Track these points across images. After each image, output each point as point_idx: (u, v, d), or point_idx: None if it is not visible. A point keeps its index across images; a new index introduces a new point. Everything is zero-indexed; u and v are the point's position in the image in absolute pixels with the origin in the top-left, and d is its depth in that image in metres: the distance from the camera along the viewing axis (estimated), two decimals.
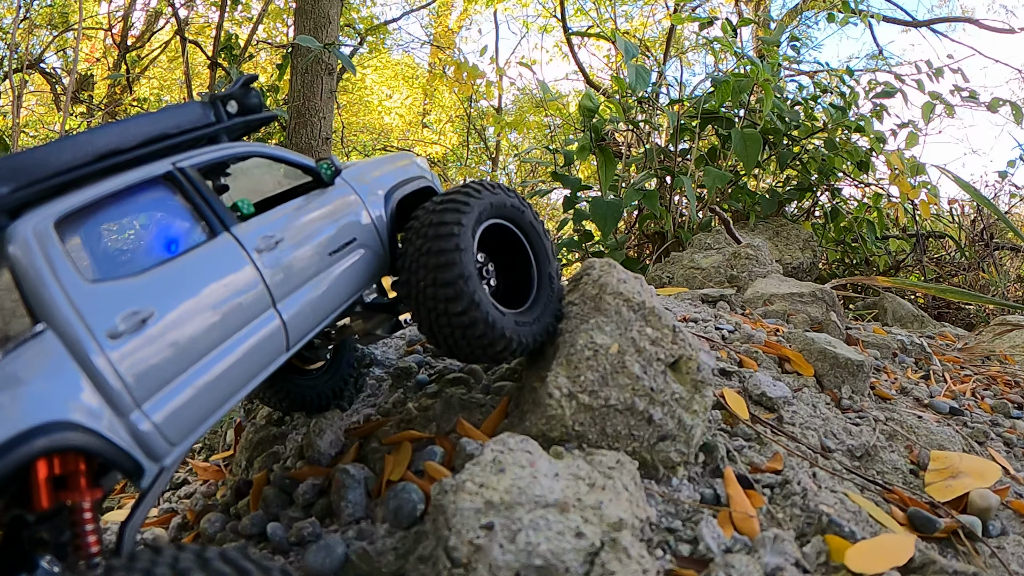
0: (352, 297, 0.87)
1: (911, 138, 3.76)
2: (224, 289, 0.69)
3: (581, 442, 0.78)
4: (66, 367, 0.57)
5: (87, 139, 0.68)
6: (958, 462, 1.16)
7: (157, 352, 0.62)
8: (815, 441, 1.12)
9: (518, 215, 0.96)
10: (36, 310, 0.58)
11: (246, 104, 0.85)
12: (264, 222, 0.78)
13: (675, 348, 0.82)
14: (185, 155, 0.76)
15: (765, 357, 1.44)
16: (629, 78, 3.13)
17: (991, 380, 1.95)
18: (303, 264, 0.78)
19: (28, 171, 0.63)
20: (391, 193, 0.96)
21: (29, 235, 0.60)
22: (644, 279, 0.92)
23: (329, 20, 5.35)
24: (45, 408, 0.55)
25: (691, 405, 0.81)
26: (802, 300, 1.97)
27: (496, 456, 0.69)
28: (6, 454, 0.52)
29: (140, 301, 0.62)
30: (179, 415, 0.63)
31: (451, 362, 1.16)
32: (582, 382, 0.79)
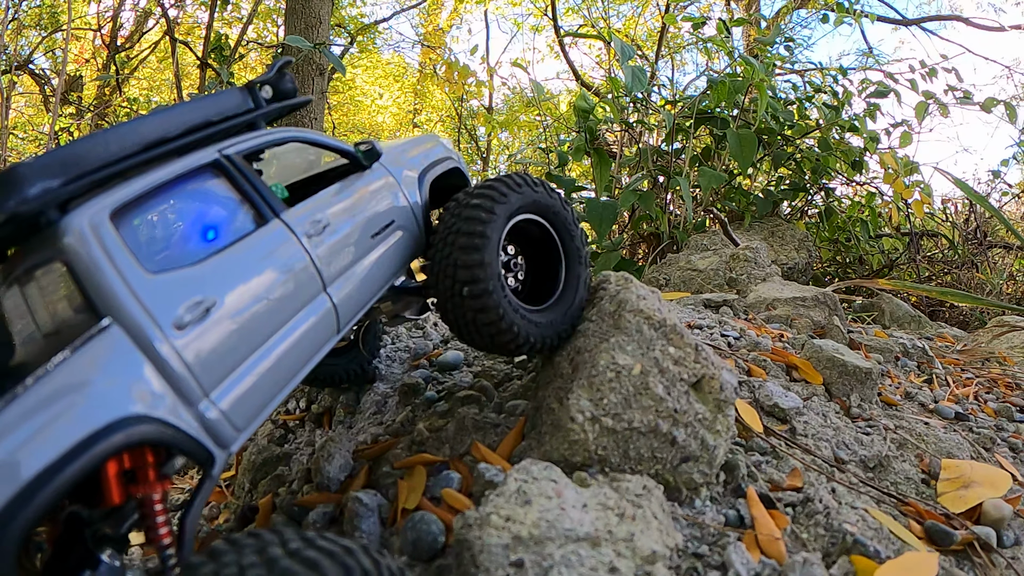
0: (395, 276, 0.88)
1: (904, 137, 3.78)
2: (279, 275, 0.69)
3: (604, 466, 0.77)
4: (135, 360, 0.57)
5: (132, 129, 0.67)
6: (969, 471, 1.16)
7: (221, 340, 0.62)
8: (828, 452, 1.11)
9: (555, 216, 0.96)
10: (98, 304, 0.57)
11: (281, 90, 0.85)
12: (310, 207, 0.78)
13: (698, 367, 0.82)
14: (229, 142, 0.75)
15: (773, 365, 1.43)
16: (626, 79, 3.13)
17: (992, 383, 1.96)
18: (348, 247, 0.79)
19: (77, 163, 0.62)
20: (424, 174, 0.97)
21: (85, 227, 0.59)
22: (660, 293, 0.91)
23: (320, 20, 5.31)
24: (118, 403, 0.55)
25: (714, 425, 0.80)
26: (804, 304, 1.97)
27: (521, 486, 0.68)
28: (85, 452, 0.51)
29: (202, 290, 0.62)
30: (244, 401, 0.63)
31: (460, 378, 1.15)
32: (605, 405, 0.77)
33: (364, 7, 10.12)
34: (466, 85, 5.63)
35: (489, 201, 0.86)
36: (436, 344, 1.34)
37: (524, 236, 0.97)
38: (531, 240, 0.97)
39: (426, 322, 1.46)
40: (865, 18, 4.68)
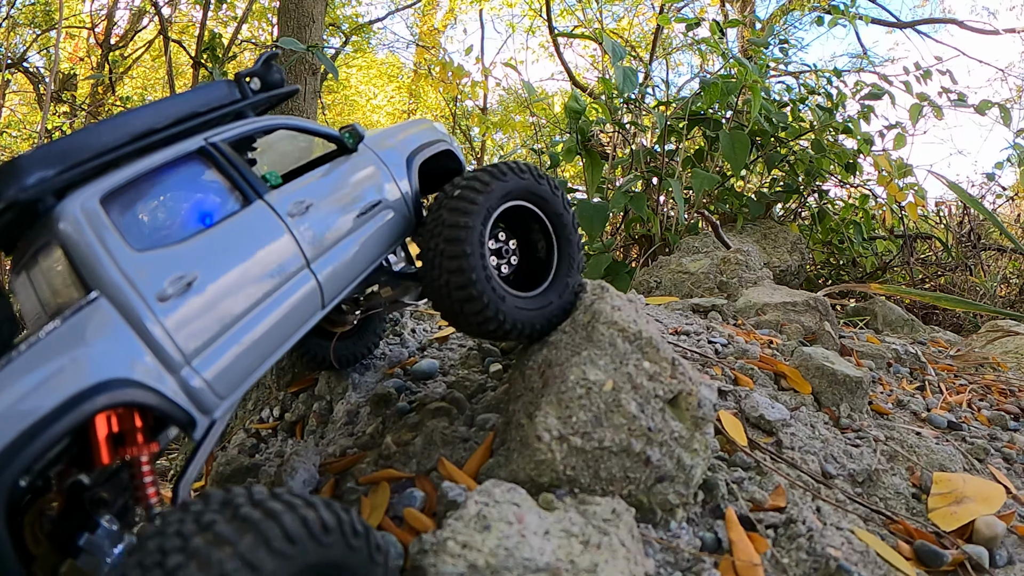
0: (382, 256, 0.91)
1: (899, 139, 3.75)
2: (261, 252, 0.73)
3: (573, 487, 0.72)
4: (120, 329, 0.61)
5: (123, 121, 0.72)
6: (961, 485, 1.12)
7: (203, 312, 0.66)
8: (816, 467, 1.07)
9: (544, 201, 0.97)
10: (88, 280, 0.62)
11: (268, 80, 0.89)
12: (294, 188, 0.81)
13: (674, 383, 0.77)
14: (216, 131, 0.80)
15: (761, 373, 1.39)
16: (617, 80, 3.08)
17: (986, 389, 1.92)
18: (333, 226, 0.82)
19: (71, 154, 0.67)
20: (412, 157, 1.00)
21: (77, 212, 0.64)
22: (639, 302, 0.86)
23: (313, 20, 5.25)
24: (104, 367, 0.59)
25: (691, 444, 0.76)
26: (795, 309, 1.93)
27: (481, 510, 0.63)
28: (73, 409, 0.56)
29: (184, 266, 0.67)
30: (226, 370, 0.67)
31: (433, 388, 1.10)
32: (574, 423, 0.73)
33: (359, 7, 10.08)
34: (460, 85, 5.59)
35: (472, 192, 0.88)
36: (412, 352, 1.29)
37: (518, 222, 0.98)
38: (525, 226, 0.99)
39: (403, 328, 1.42)
40: (859, 20, 4.65)
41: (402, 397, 1.13)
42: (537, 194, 0.95)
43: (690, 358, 1.43)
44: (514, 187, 0.92)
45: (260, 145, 0.91)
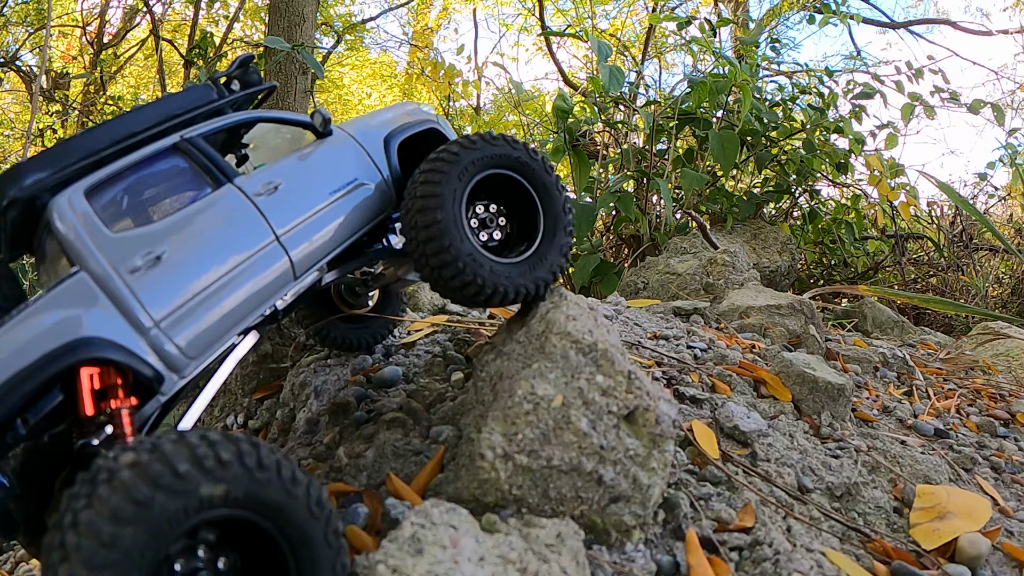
0: (359, 231, 0.95)
1: (890, 139, 3.71)
2: (226, 227, 0.80)
3: (520, 506, 0.67)
4: (96, 297, 0.71)
5: (108, 127, 0.82)
6: (945, 499, 1.07)
7: (170, 281, 0.74)
8: (792, 480, 1.02)
9: (523, 166, 0.99)
10: (73, 258, 0.73)
11: (246, 80, 0.97)
12: (264, 172, 0.88)
13: (630, 398, 0.72)
14: (192, 128, 0.87)
15: (740, 380, 1.34)
16: (603, 79, 3.03)
17: (975, 394, 1.88)
18: (303, 203, 0.88)
19: (62, 158, 0.78)
20: (391, 136, 1.04)
21: (64, 203, 0.75)
22: (599, 310, 0.81)
23: (304, 18, 5.20)
24: (80, 327, 0.69)
25: (648, 462, 0.71)
26: (780, 312, 1.88)
27: (416, 532, 0.58)
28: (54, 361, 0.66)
29: (155, 243, 0.75)
30: (194, 332, 0.75)
31: (391, 398, 1.05)
32: (520, 441, 0.68)
33: (352, 5, 10.02)
34: (453, 85, 5.53)
35: (440, 163, 0.92)
36: (377, 359, 1.24)
37: (504, 193, 1.01)
38: (512, 195, 1.01)
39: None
40: (852, 20, 4.61)
41: (361, 406, 1.08)
42: (515, 160, 0.98)
43: (667, 363, 1.38)
44: (487, 154, 0.95)
45: (252, 142, 1.00)
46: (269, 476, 0.57)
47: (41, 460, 0.77)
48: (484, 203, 1.00)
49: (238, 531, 0.58)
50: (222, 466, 0.55)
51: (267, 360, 1.41)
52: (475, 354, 1.15)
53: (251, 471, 0.56)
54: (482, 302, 0.90)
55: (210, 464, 0.55)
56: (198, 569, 0.57)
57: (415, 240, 0.88)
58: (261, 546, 0.58)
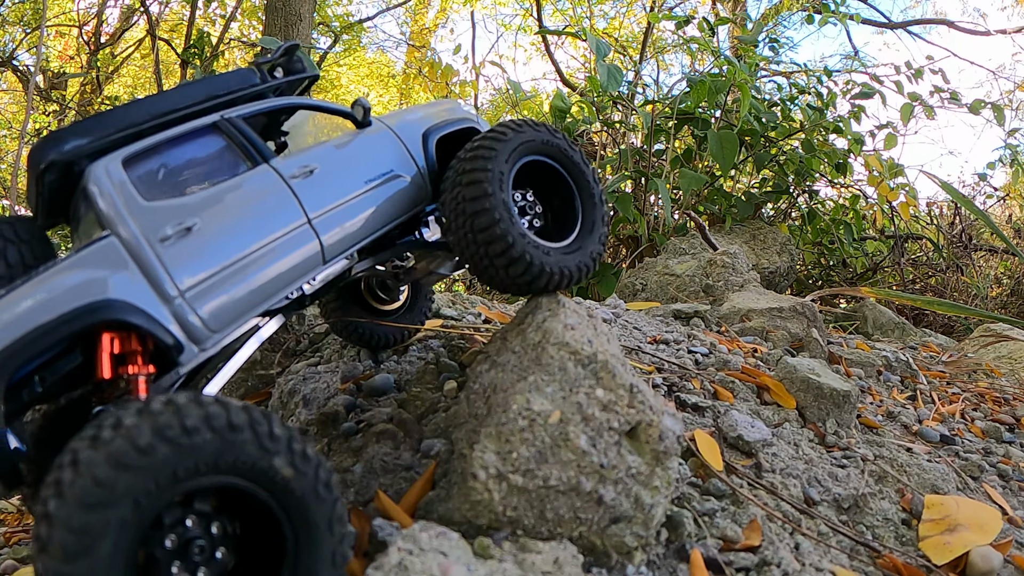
0: (393, 221, 0.95)
1: (889, 139, 3.68)
2: (259, 206, 0.81)
3: (515, 528, 0.63)
4: (125, 262, 0.71)
5: (150, 102, 0.83)
6: (955, 510, 1.04)
7: (198, 253, 0.74)
8: (798, 492, 0.99)
9: (562, 154, 1.00)
10: (105, 223, 0.73)
11: (290, 68, 0.97)
12: (300, 156, 0.88)
13: (632, 413, 0.68)
14: (233, 109, 0.88)
15: (742, 386, 1.30)
16: (601, 77, 3.00)
17: (980, 398, 1.85)
18: (339, 189, 0.88)
19: (103, 127, 0.78)
20: (430, 132, 1.04)
21: (101, 169, 0.76)
22: (598, 318, 0.78)
23: (300, 18, 5.16)
24: (106, 289, 0.69)
25: (651, 481, 0.67)
26: (781, 315, 1.85)
27: (403, 559, 0.54)
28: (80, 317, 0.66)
29: (187, 215, 0.75)
30: (218, 306, 0.74)
31: (382, 408, 1.01)
32: (514, 460, 0.64)
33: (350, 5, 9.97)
34: (451, 85, 5.49)
35: (490, 140, 0.92)
36: (368, 366, 1.20)
37: (540, 181, 1.01)
38: (548, 184, 1.02)
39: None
40: (850, 20, 4.58)
41: (351, 416, 1.04)
42: (555, 146, 0.99)
43: (668, 369, 1.35)
44: (531, 138, 0.96)
45: (289, 130, 1.00)
46: (279, 447, 0.56)
47: (59, 427, 0.76)
48: (521, 191, 1.00)
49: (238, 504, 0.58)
50: (232, 430, 0.55)
51: (255, 367, 1.37)
52: (469, 361, 1.11)
53: (261, 439, 0.56)
54: (530, 284, 0.89)
55: (220, 424, 0.54)
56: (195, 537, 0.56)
57: (463, 215, 0.87)
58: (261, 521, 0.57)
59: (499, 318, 1.43)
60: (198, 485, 0.54)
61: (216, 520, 0.57)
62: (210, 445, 0.54)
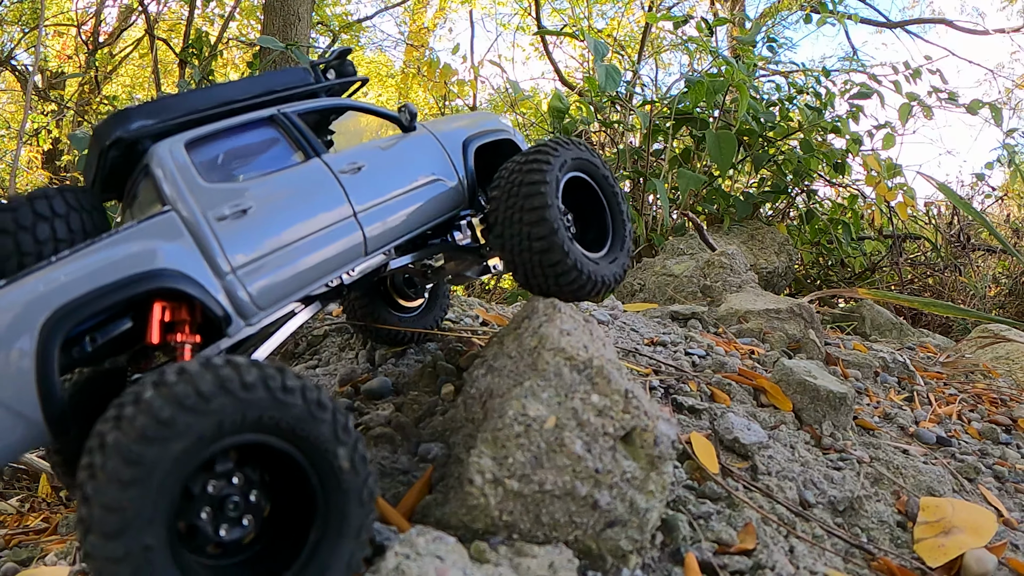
0: (430, 222, 1.00)
1: (887, 139, 3.68)
2: (311, 197, 0.85)
3: (511, 532, 0.64)
4: (183, 236, 0.75)
5: (211, 91, 0.88)
6: (950, 513, 1.04)
7: (252, 234, 0.78)
8: (793, 494, 0.99)
9: (597, 171, 1.07)
10: (166, 199, 0.77)
11: (341, 71, 1.04)
12: (350, 153, 0.93)
13: (627, 418, 0.68)
14: (289, 104, 0.94)
15: (739, 389, 1.31)
16: (599, 78, 3.00)
17: (977, 399, 1.85)
18: (383, 187, 0.93)
19: (168, 110, 0.83)
20: (470, 140, 1.09)
21: (165, 149, 0.80)
22: (594, 322, 0.78)
23: (299, 17, 5.14)
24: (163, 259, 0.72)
25: (646, 485, 0.67)
26: (779, 317, 1.86)
27: (400, 563, 0.55)
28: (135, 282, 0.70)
29: (244, 198, 0.80)
30: (266, 285, 0.78)
31: (379, 411, 1.02)
32: (510, 465, 0.64)
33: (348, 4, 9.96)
34: (449, 84, 5.49)
35: (544, 155, 0.98)
36: (365, 369, 1.20)
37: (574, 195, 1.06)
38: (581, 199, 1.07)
39: (357, 342, 1.33)
40: (849, 20, 4.59)
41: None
42: (592, 164, 1.06)
43: (665, 371, 1.35)
44: (577, 155, 1.03)
45: (336, 129, 1.06)
46: (294, 399, 0.58)
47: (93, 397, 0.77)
48: None
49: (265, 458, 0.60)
50: (246, 388, 0.56)
51: None
52: (467, 364, 1.11)
53: (275, 393, 0.58)
54: (575, 291, 0.95)
55: (234, 386, 0.56)
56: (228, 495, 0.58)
57: (519, 223, 0.92)
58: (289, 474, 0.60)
59: (497, 320, 1.43)
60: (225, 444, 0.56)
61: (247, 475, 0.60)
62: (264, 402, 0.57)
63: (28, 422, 0.63)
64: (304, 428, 0.58)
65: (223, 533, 0.58)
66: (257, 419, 0.56)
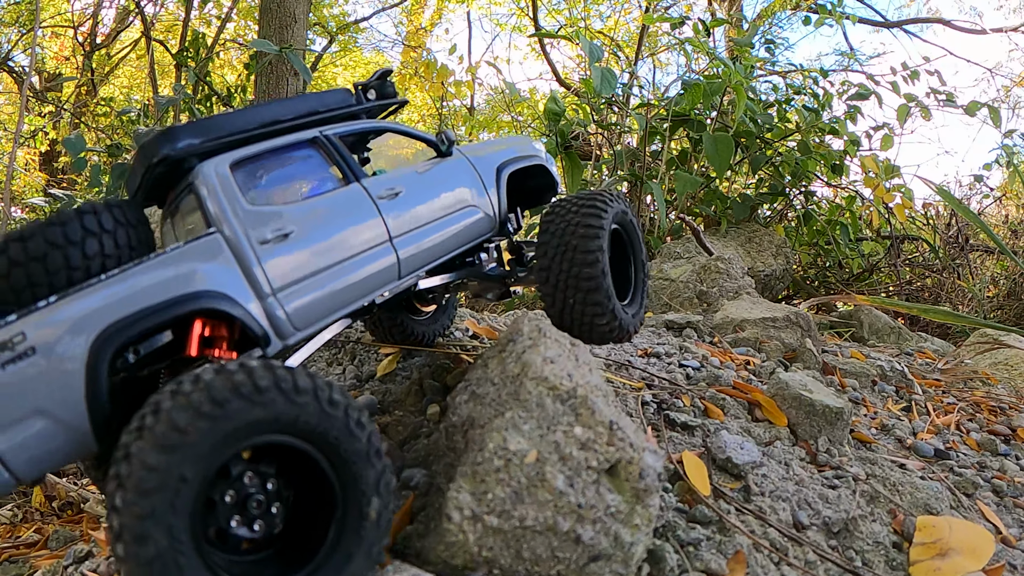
0: (461, 247, 1.03)
1: (886, 140, 3.66)
2: (349, 221, 0.87)
3: (492, 568, 0.62)
4: (227, 258, 0.77)
5: (258, 111, 0.89)
6: (947, 533, 1.02)
7: (293, 258, 0.81)
8: (787, 516, 0.97)
9: (631, 224, 1.12)
10: (211, 220, 0.79)
11: (382, 92, 1.04)
12: (388, 178, 0.96)
13: (611, 451, 0.66)
14: (331, 126, 0.96)
15: (734, 403, 1.29)
16: (594, 81, 2.98)
17: (975, 407, 1.83)
18: (418, 213, 0.95)
19: (213, 129, 0.85)
20: (503, 166, 1.12)
21: (211, 170, 0.82)
22: (581, 346, 0.76)
23: (295, 19, 5.11)
24: (208, 280, 0.75)
25: (631, 519, 0.65)
26: (775, 325, 1.83)
27: None
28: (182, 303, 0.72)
29: (285, 222, 0.82)
30: (304, 307, 0.81)
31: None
32: (490, 501, 0.62)
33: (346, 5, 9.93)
34: (446, 84, 5.47)
35: (603, 203, 1.03)
36: (352, 386, 1.18)
37: None
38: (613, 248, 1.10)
39: (345, 357, 1.31)
40: (847, 20, 4.56)
41: None
42: (629, 219, 1.11)
43: (658, 385, 1.33)
44: (623, 209, 1.08)
45: (376, 148, 1.09)
46: (306, 399, 0.61)
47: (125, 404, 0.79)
48: None
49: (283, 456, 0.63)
50: (259, 392, 0.59)
51: None
52: (454, 383, 1.09)
53: (287, 395, 0.60)
54: (605, 335, 1.01)
55: (247, 391, 0.58)
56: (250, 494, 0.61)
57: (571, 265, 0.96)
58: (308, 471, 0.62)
59: (487, 334, 1.41)
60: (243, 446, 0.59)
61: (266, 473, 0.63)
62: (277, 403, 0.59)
63: (75, 432, 0.66)
64: (318, 425, 0.61)
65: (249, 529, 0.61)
66: (273, 420, 0.59)
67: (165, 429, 0.55)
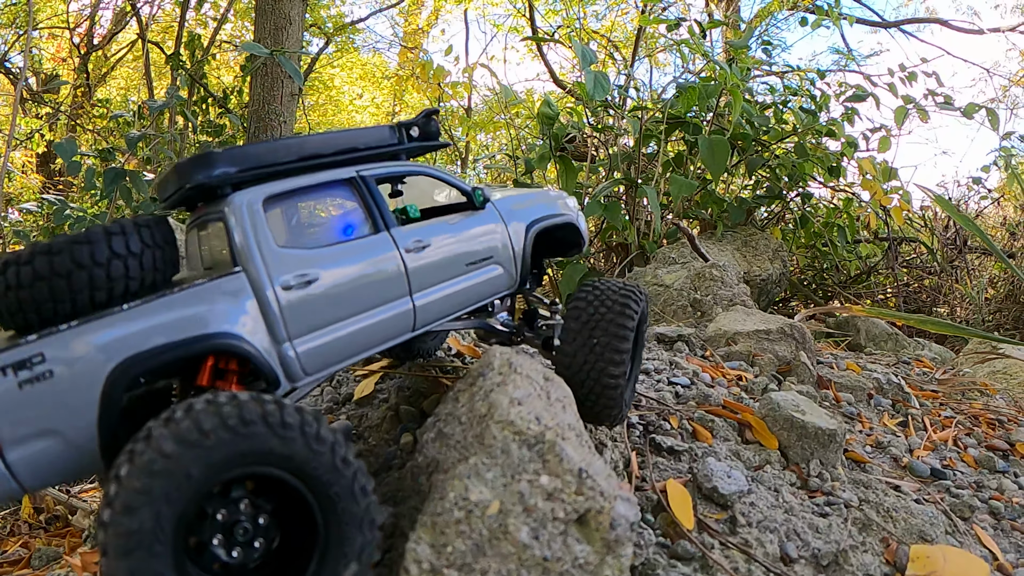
0: (478, 303, 1.04)
1: (883, 142, 3.62)
2: (373, 272, 0.87)
3: None
4: (248, 300, 0.78)
5: (298, 143, 0.89)
6: (942, 563, 0.99)
7: (313, 306, 0.81)
8: (774, 548, 0.93)
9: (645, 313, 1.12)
10: (237, 256, 0.79)
11: (425, 131, 1.02)
12: (419, 228, 0.95)
13: (580, 500, 0.63)
14: (368, 166, 0.94)
15: (723, 424, 1.25)
16: (587, 85, 2.94)
17: (974, 420, 1.80)
18: (441, 268, 0.96)
19: (251, 160, 0.84)
20: (532, 225, 1.13)
21: (243, 204, 0.81)
22: (555, 381, 0.72)
23: (290, 21, 5.06)
24: (227, 321, 0.75)
25: (601, 570, 0.61)
26: (769, 338, 1.80)
27: None
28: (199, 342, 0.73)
29: (312, 267, 0.82)
30: (317, 354, 0.81)
31: None
32: (449, 554, 0.59)
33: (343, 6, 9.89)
34: (443, 86, 5.43)
35: (635, 303, 1.04)
36: (328, 410, 1.14)
37: None
38: None
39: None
40: (844, 20, 4.52)
41: None
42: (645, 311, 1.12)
43: (645, 406, 1.29)
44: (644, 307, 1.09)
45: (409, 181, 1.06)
46: (292, 434, 0.62)
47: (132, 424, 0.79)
48: None
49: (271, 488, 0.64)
50: (245, 424, 0.60)
51: None
52: (430, 409, 1.06)
53: (273, 428, 0.61)
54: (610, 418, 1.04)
55: (234, 423, 0.60)
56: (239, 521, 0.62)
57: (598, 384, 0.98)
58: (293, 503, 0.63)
59: (470, 352, 1.38)
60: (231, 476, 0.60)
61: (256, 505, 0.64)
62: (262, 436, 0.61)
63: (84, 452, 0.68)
64: (303, 460, 0.62)
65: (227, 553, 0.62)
66: (257, 452, 0.60)
67: (152, 455, 0.57)
